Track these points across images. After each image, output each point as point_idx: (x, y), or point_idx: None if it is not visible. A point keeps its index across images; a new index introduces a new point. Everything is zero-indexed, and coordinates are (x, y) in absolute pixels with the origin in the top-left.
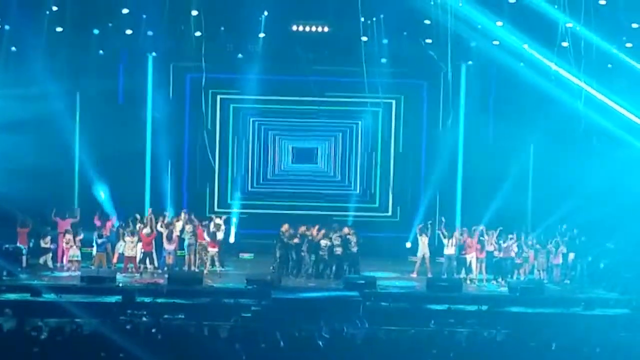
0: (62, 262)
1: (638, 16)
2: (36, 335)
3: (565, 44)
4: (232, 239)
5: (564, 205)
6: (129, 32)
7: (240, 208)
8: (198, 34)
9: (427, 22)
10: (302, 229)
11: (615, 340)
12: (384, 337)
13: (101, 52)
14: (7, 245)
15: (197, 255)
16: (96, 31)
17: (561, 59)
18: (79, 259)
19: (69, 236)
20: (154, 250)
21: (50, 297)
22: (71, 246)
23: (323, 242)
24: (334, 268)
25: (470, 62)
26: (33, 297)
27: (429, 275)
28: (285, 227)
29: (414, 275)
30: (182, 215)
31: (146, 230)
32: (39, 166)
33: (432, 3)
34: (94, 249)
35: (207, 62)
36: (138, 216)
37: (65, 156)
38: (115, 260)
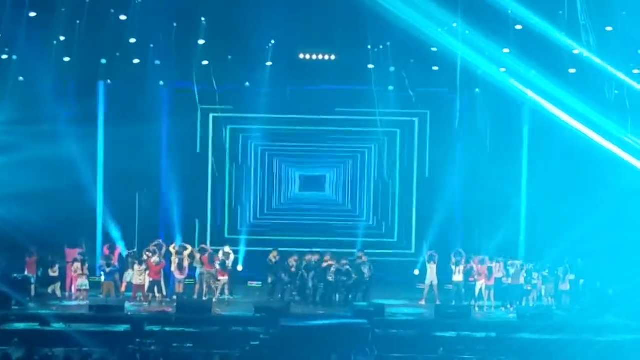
0: (70, 291)
1: None
2: None
3: (572, 71)
4: (240, 268)
5: (572, 233)
6: (136, 61)
7: (243, 241)
8: (205, 62)
9: (434, 49)
10: (309, 257)
11: None
12: None
13: (109, 81)
14: (15, 275)
15: (207, 284)
16: (104, 61)
17: (567, 85)
18: (88, 287)
19: (77, 265)
20: (162, 279)
21: (58, 326)
22: (80, 275)
23: (332, 268)
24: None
25: (477, 90)
26: (41, 327)
27: (438, 303)
28: (292, 259)
29: (423, 302)
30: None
31: (155, 259)
32: (48, 194)
33: (439, 30)
34: (102, 278)
35: (214, 89)
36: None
37: (73, 183)
38: (123, 289)
